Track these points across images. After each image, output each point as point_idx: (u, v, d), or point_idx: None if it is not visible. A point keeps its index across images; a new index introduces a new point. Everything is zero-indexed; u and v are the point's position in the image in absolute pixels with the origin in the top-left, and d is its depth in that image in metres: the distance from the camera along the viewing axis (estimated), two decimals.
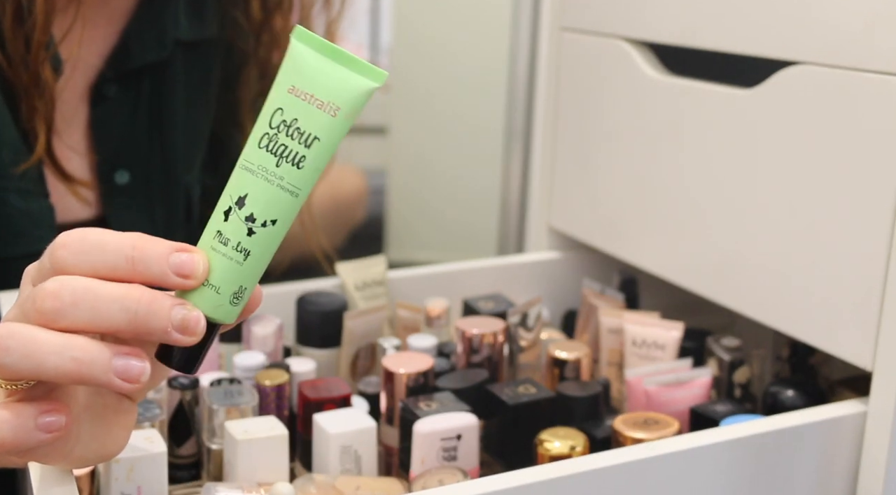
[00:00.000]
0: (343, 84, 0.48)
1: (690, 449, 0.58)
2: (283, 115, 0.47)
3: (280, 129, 0.47)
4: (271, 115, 0.48)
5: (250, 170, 0.47)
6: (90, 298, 0.44)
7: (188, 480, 0.67)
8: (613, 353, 0.81)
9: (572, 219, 0.90)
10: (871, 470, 0.63)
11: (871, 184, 0.61)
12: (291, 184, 0.48)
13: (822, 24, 0.64)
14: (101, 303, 0.44)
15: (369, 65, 0.48)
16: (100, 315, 0.44)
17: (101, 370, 0.45)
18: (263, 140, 0.47)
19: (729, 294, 0.73)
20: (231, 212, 0.47)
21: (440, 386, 0.68)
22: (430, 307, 0.80)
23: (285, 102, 0.47)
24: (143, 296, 0.45)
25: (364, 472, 0.63)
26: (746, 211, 0.70)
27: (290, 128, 0.47)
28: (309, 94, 0.47)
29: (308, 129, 0.47)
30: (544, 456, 0.62)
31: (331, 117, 0.48)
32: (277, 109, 0.47)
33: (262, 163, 0.47)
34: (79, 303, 0.44)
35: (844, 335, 0.64)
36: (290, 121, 0.47)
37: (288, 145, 0.47)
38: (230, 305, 0.48)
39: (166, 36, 0.85)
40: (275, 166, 0.47)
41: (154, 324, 0.45)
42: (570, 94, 0.89)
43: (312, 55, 0.48)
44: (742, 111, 0.70)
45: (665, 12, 0.76)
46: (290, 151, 0.47)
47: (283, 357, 0.75)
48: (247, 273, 0.48)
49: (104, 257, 0.45)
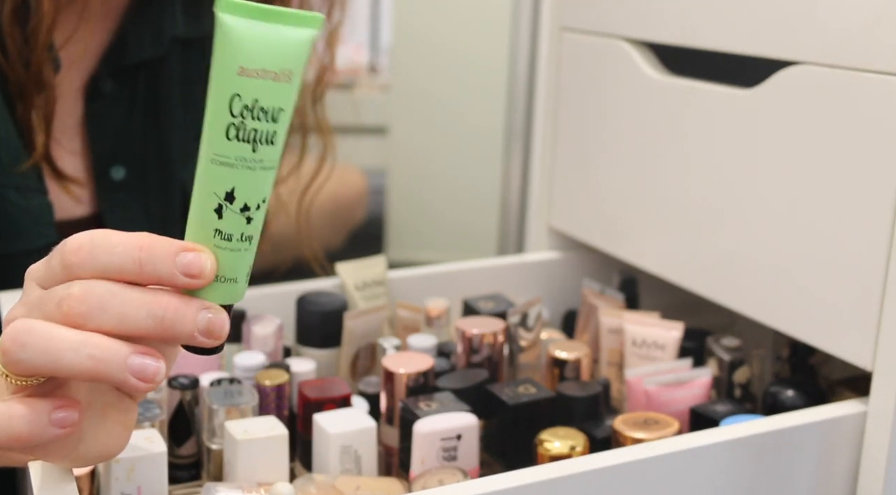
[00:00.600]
0: (287, 45, 0.46)
1: (690, 449, 0.58)
2: (243, 100, 0.45)
3: (244, 116, 0.45)
4: (229, 103, 0.45)
5: (228, 164, 0.46)
6: (117, 303, 0.45)
7: (188, 480, 0.67)
8: (613, 353, 0.81)
9: (572, 219, 0.90)
10: (872, 470, 0.63)
11: (871, 183, 0.61)
12: (271, 162, 0.47)
13: (823, 24, 0.64)
14: (129, 308, 0.45)
15: (301, 13, 0.46)
16: (126, 320, 0.45)
17: (117, 368, 0.45)
18: (230, 131, 0.46)
19: (729, 294, 0.73)
20: (223, 209, 0.47)
21: (440, 386, 0.68)
22: (430, 307, 0.80)
23: (240, 87, 0.45)
24: (171, 302, 0.45)
25: (364, 472, 0.63)
26: (747, 211, 0.70)
27: (255, 110, 0.46)
28: (260, 70, 0.45)
29: (272, 105, 0.46)
30: (544, 456, 0.62)
31: (287, 84, 0.46)
32: (234, 96, 0.45)
33: (238, 154, 0.46)
34: (106, 308, 0.45)
35: (844, 335, 0.64)
36: (252, 103, 0.45)
37: (258, 128, 0.46)
38: (245, 285, 0.48)
39: (163, 33, 0.85)
40: (252, 152, 0.46)
41: (180, 329, 0.45)
42: (570, 94, 0.89)
43: (247, 25, 0.45)
44: (742, 111, 0.70)
45: (665, 12, 0.76)
46: (261, 133, 0.46)
47: (283, 357, 0.75)
48: (252, 251, 0.48)
49: (112, 258, 0.45)
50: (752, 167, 0.70)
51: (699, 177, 0.74)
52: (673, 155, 0.77)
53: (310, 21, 0.46)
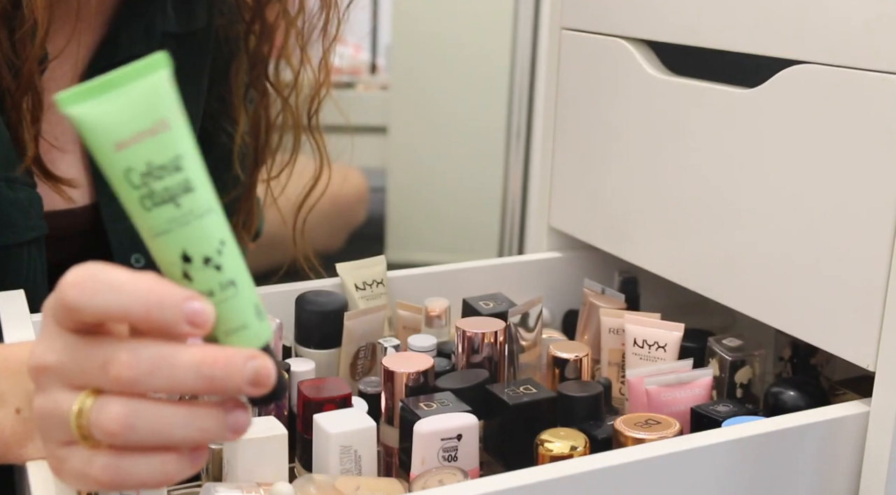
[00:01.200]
0: (142, 102, 0.44)
1: (691, 450, 0.58)
2: (136, 170, 0.44)
3: (147, 183, 0.44)
4: (126, 179, 0.44)
5: (165, 232, 0.45)
6: (167, 367, 0.45)
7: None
8: (614, 353, 0.81)
9: (573, 219, 0.90)
10: (874, 470, 0.63)
11: (874, 183, 0.61)
12: (203, 205, 0.45)
13: (825, 24, 0.63)
14: (178, 372, 0.45)
15: (135, 66, 0.45)
16: (177, 383, 0.45)
17: (218, 434, 0.47)
18: (145, 202, 0.44)
19: (730, 294, 0.72)
20: (189, 273, 0.45)
21: (440, 386, 0.68)
22: (430, 307, 0.80)
23: (126, 161, 0.44)
24: (218, 360, 0.45)
25: (364, 472, 0.63)
26: (748, 210, 0.70)
27: (153, 172, 0.44)
28: (133, 136, 0.44)
29: (165, 158, 0.44)
30: (545, 457, 0.62)
31: (169, 132, 0.45)
32: (127, 171, 0.44)
33: (165, 218, 0.45)
34: (156, 373, 0.45)
35: (846, 335, 0.63)
36: (146, 169, 0.44)
37: (167, 185, 0.44)
38: (260, 321, 0.47)
39: (154, 29, 0.85)
40: (176, 209, 0.45)
41: (230, 384, 0.45)
42: (570, 94, 0.89)
43: (94, 106, 0.44)
44: (744, 111, 0.70)
45: (666, 11, 0.76)
46: (173, 187, 0.44)
47: (282, 357, 0.75)
48: (245, 287, 0.47)
49: (118, 299, 0.45)
50: (753, 166, 0.69)
51: (700, 177, 0.74)
52: (674, 154, 0.76)
53: (150, 66, 0.45)
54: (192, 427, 0.46)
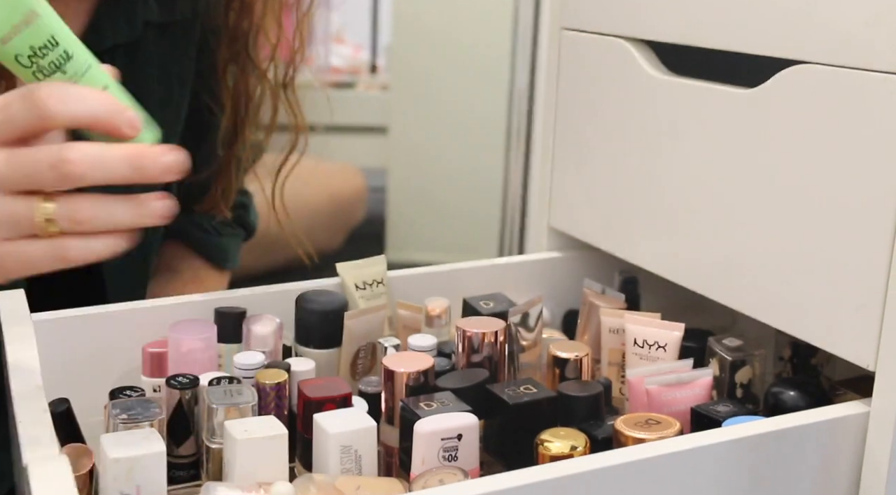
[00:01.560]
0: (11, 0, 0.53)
1: (691, 450, 0.58)
2: (24, 54, 0.54)
3: (34, 61, 0.55)
4: (18, 63, 0.55)
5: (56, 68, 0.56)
6: (106, 160, 0.54)
7: (187, 480, 0.67)
8: (614, 353, 0.81)
9: (572, 219, 0.90)
10: (874, 471, 0.63)
11: (874, 183, 0.61)
12: (80, 65, 0.56)
13: (825, 24, 0.63)
14: (115, 164, 0.55)
15: None
16: (113, 173, 0.55)
17: (149, 215, 0.57)
18: (38, 76, 0.55)
19: (730, 294, 0.72)
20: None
21: (440, 385, 0.68)
22: (430, 307, 0.80)
23: (13, 48, 0.54)
24: (144, 152, 0.55)
25: (364, 472, 0.63)
26: (748, 210, 0.70)
27: (37, 52, 0.54)
28: (10, 30, 0.53)
29: (43, 40, 0.54)
30: (545, 457, 0.62)
31: (39, 19, 0.54)
32: (16, 56, 0.54)
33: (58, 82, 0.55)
34: (97, 167, 0.54)
35: (846, 335, 0.63)
36: (31, 51, 0.54)
37: (51, 59, 0.55)
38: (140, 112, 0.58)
39: (136, 17, 0.86)
40: (63, 74, 0.56)
41: (153, 171, 0.55)
42: (570, 94, 0.89)
43: None
44: (743, 111, 0.70)
45: (666, 11, 0.76)
46: (55, 60, 0.55)
47: (282, 356, 0.75)
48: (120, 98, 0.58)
49: (86, 107, 0.55)
50: (753, 166, 0.69)
51: (700, 177, 0.74)
52: (674, 154, 0.76)
53: None
54: (133, 213, 0.56)
